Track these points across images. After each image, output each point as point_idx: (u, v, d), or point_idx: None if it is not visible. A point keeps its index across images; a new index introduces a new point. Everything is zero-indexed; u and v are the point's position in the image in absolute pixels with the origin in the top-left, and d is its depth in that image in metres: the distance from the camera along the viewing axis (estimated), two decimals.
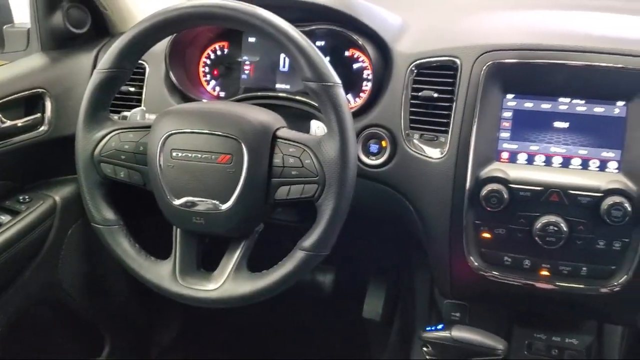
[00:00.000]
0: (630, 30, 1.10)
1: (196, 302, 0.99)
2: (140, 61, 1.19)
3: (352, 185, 0.93)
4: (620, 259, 0.99)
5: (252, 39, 1.28)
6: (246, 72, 1.29)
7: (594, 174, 1.00)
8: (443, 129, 1.08)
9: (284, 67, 1.27)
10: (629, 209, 0.95)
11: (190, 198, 0.97)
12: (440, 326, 1.01)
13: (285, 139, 0.96)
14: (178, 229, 1.02)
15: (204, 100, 1.25)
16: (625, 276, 0.99)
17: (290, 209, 1.29)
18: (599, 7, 1.29)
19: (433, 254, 1.13)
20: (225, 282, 0.98)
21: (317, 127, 1.01)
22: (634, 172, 0.97)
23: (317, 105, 0.96)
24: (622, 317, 1.07)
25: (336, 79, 0.92)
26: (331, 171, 0.91)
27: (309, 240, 0.94)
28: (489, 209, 1.01)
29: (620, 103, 0.99)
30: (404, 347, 1.55)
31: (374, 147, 1.14)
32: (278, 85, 1.27)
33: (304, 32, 0.94)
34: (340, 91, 0.92)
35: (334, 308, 1.82)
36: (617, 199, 0.95)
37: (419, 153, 1.09)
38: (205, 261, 1.04)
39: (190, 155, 0.96)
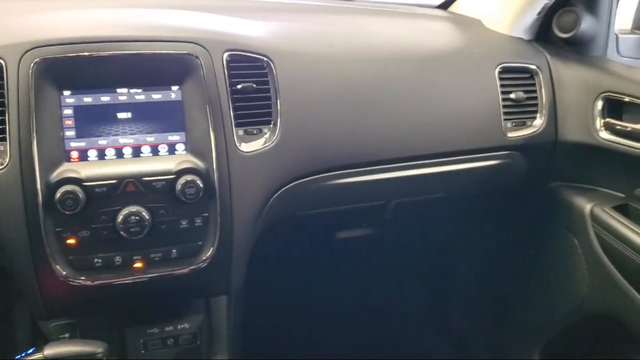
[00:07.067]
0: (177, 20, 1.15)
1: None
2: None
3: None
4: (204, 233, 1.04)
5: None
6: None
7: (164, 158, 1.02)
8: (1, 135, 0.97)
9: None
10: (201, 185, 1.00)
11: None
12: (31, 350, 0.90)
13: None
14: None
15: None
16: (212, 248, 1.05)
17: None
18: (158, 4, 1.34)
19: (17, 275, 1.00)
20: None
21: None
22: (198, 151, 1.03)
23: None
24: (218, 287, 1.13)
25: None
26: None
27: None
28: (67, 212, 0.95)
29: (175, 87, 1.04)
30: None
31: None
32: None
33: None
34: None
35: None
36: (188, 177, 1.00)
37: None
38: None
39: None
